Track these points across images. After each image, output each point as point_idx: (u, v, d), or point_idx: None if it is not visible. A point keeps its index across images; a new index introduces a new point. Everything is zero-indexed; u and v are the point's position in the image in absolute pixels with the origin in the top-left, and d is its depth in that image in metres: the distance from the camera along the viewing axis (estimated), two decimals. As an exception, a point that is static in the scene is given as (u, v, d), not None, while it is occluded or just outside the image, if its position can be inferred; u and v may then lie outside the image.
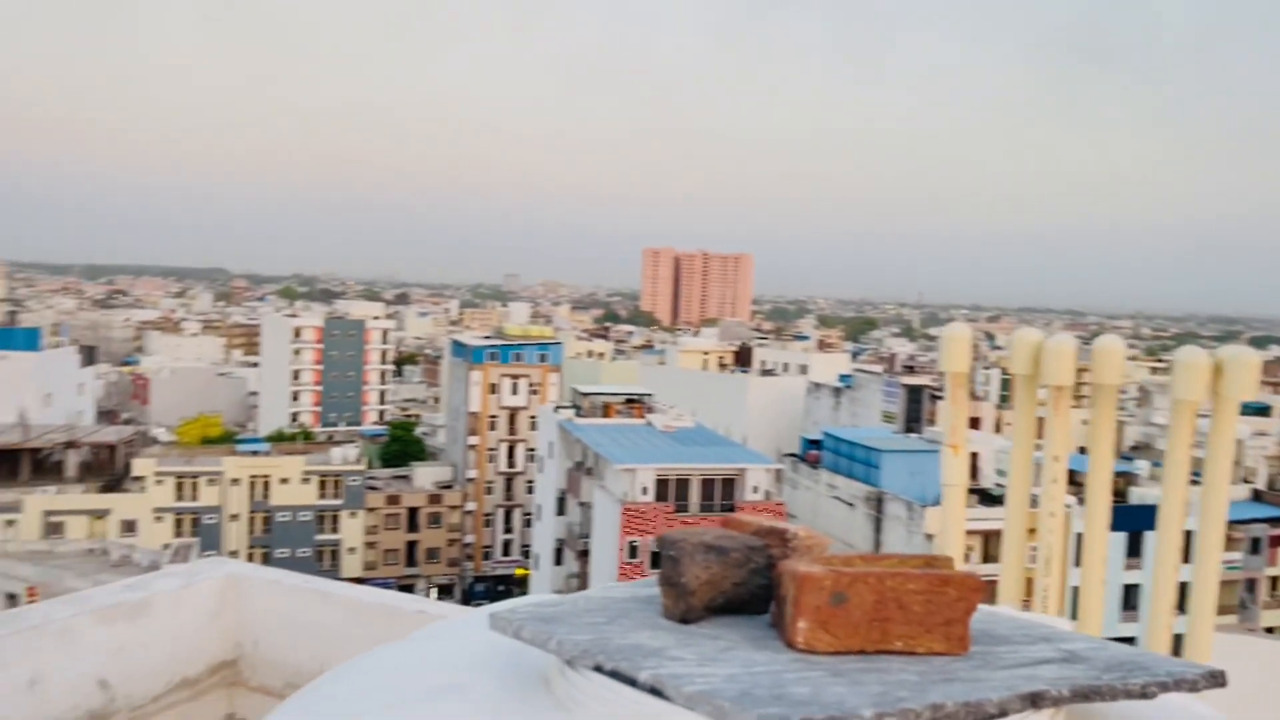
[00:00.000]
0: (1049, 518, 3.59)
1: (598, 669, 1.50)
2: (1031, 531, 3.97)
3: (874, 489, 51.96)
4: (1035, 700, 1.40)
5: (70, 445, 70.03)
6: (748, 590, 1.71)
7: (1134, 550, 43.46)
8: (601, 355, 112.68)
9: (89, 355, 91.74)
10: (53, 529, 59.56)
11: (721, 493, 50.07)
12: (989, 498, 44.83)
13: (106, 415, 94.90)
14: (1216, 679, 1.51)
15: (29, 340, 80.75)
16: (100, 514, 63.47)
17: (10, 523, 58.99)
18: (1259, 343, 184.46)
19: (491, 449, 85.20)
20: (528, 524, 77.48)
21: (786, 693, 1.36)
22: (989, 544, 40.58)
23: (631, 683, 1.44)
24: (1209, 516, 3.70)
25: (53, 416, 75.37)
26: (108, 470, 69.95)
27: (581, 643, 1.56)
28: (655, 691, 1.42)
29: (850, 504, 54.05)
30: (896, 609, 1.53)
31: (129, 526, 63.74)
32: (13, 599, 44.85)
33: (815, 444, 60.92)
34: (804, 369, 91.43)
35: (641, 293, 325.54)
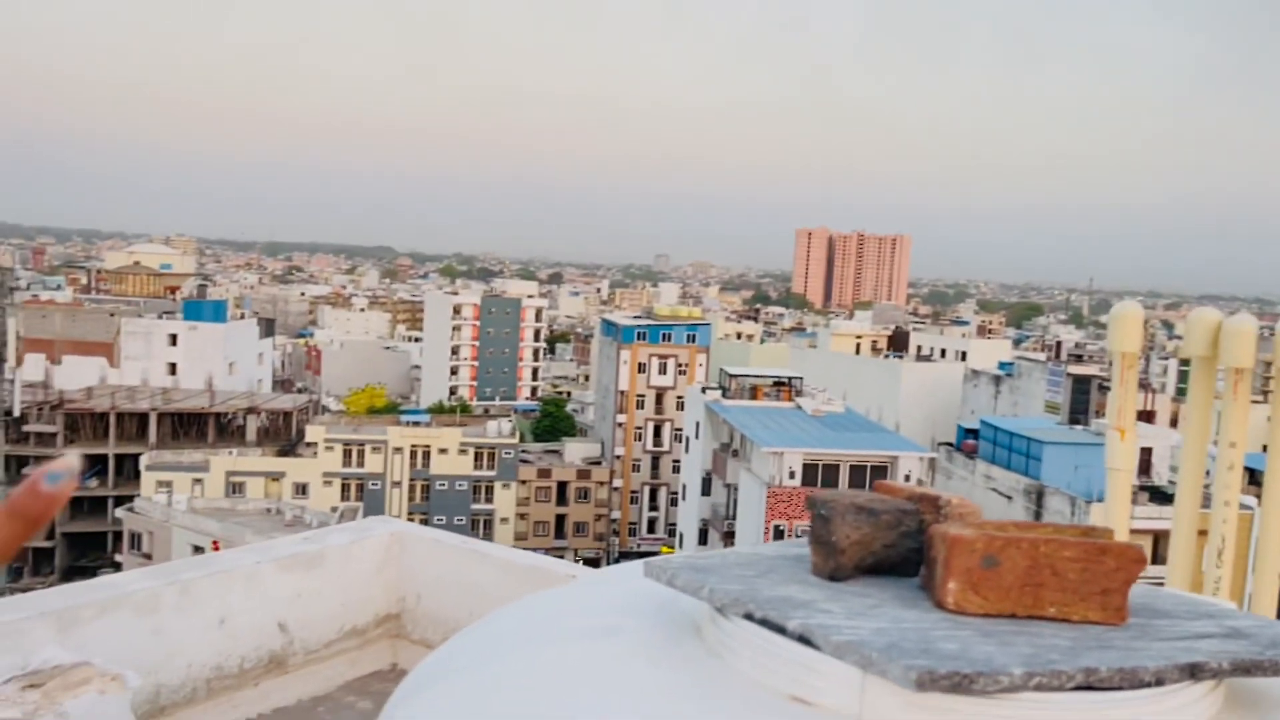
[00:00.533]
0: (1223, 506, 3.41)
1: (748, 617, 1.56)
2: (1202, 533, 3.76)
3: (1034, 482, 49.83)
4: (1194, 671, 1.38)
5: (251, 411, 75.15)
6: (898, 552, 1.73)
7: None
8: (750, 337, 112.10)
9: (268, 327, 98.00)
10: (234, 488, 64.17)
11: (871, 480, 49.08)
12: (1162, 495, 42.25)
13: (282, 384, 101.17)
14: None
15: (217, 312, 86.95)
16: (276, 476, 67.88)
17: (198, 481, 63.88)
18: None
19: (639, 427, 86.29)
20: (673, 503, 78.21)
21: (934, 648, 1.39)
22: (1159, 544, 38.35)
23: (781, 631, 1.49)
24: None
25: (236, 384, 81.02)
26: (283, 435, 74.73)
27: (733, 592, 1.63)
28: (804, 640, 1.47)
29: (1008, 497, 52.02)
30: (1050, 575, 1.53)
31: (301, 489, 67.93)
32: (199, 550, 48.65)
33: (972, 433, 58.84)
34: (962, 355, 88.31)
35: (793, 274, 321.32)
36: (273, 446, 72.36)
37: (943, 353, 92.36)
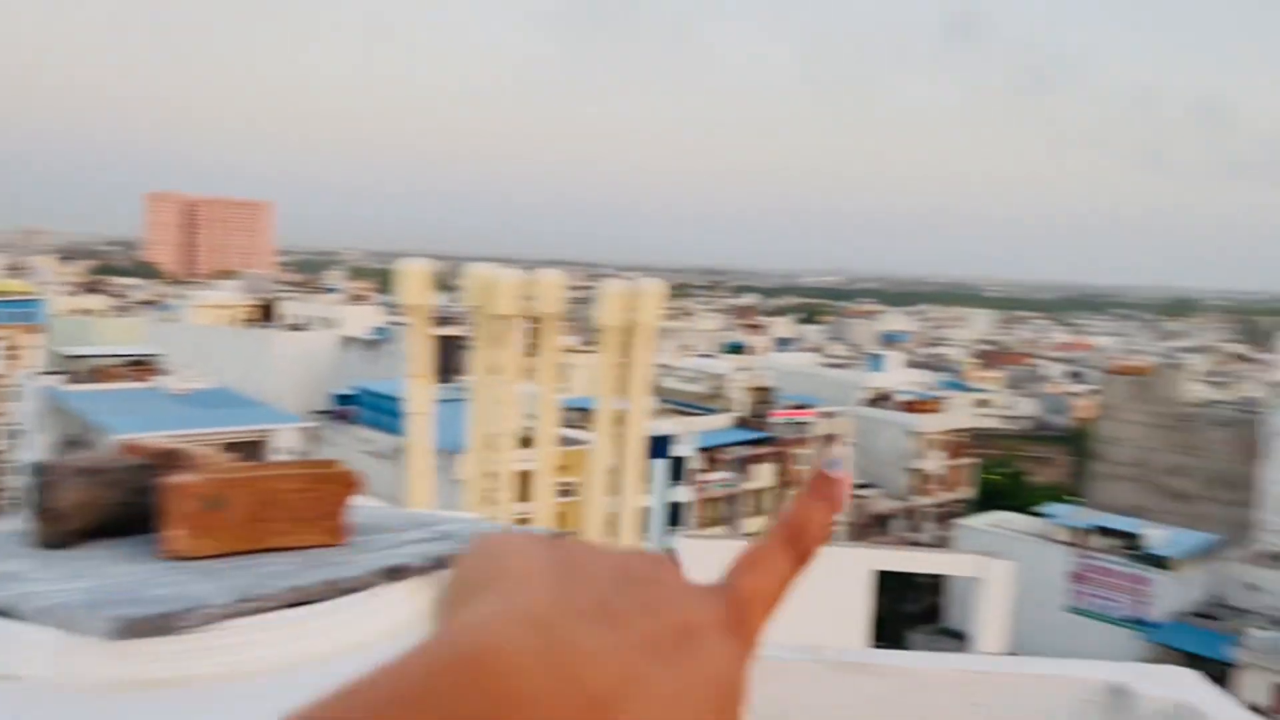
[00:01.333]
0: (498, 437, 3.94)
1: (-61, 604, 1.40)
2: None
3: (406, 440, 52.29)
4: (395, 573, 1.58)
5: None
6: (133, 510, 1.69)
7: (677, 475, 49.17)
8: (91, 311, 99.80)
9: None
10: None
11: (248, 458, 47.10)
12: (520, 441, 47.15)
13: None
14: (558, 537, 1.81)
15: None
16: None
17: None
18: (736, 291, 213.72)
19: (-44, 426, 71.94)
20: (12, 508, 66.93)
21: (144, 595, 1.39)
22: (525, 483, 42.88)
23: (-25, 610, 1.37)
24: (629, 438, 4.29)
25: None
26: None
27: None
28: (7, 614, 1.37)
29: (386, 457, 53.83)
30: (275, 508, 1.62)
31: None
32: None
33: (348, 399, 59.58)
34: (332, 323, 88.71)
35: (145, 242, 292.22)
36: None
37: (319, 321, 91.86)
